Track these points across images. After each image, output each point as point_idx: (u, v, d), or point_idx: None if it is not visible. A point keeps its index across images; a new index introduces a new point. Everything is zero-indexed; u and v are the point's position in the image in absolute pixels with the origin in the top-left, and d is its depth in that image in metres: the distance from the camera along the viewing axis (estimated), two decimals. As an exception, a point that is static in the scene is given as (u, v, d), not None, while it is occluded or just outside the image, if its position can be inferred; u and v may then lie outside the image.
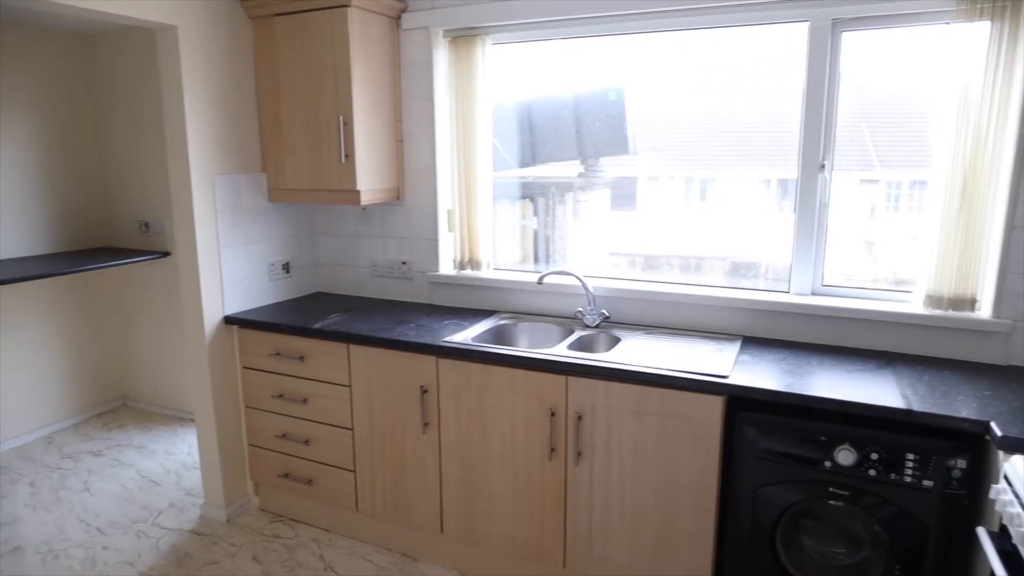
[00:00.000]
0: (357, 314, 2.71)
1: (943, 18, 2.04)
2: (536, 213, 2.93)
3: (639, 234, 2.76)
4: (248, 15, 2.65)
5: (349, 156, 2.56)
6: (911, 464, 1.72)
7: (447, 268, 2.90)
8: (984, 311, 2.10)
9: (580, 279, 2.50)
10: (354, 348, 2.45)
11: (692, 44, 2.46)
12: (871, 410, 1.75)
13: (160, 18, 2.35)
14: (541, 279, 2.56)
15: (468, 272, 2.84)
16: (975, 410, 1.71)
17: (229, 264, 2.71)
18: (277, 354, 2.62)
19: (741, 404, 1.93)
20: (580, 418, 2.12)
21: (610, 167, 2.79)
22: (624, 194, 2.77)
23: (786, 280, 2.42)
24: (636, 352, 2.22)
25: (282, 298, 2.98)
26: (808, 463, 1.84)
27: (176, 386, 3.92)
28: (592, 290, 2.51)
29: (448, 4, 2.62)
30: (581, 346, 2.44)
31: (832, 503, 1.83)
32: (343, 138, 2.54)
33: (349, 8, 2.45)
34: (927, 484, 1.71)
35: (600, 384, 2.07)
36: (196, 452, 3.43)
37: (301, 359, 2.57)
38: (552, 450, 2.18)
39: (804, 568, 1.91)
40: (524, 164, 2.90)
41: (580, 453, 2.14)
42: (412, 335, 2.39)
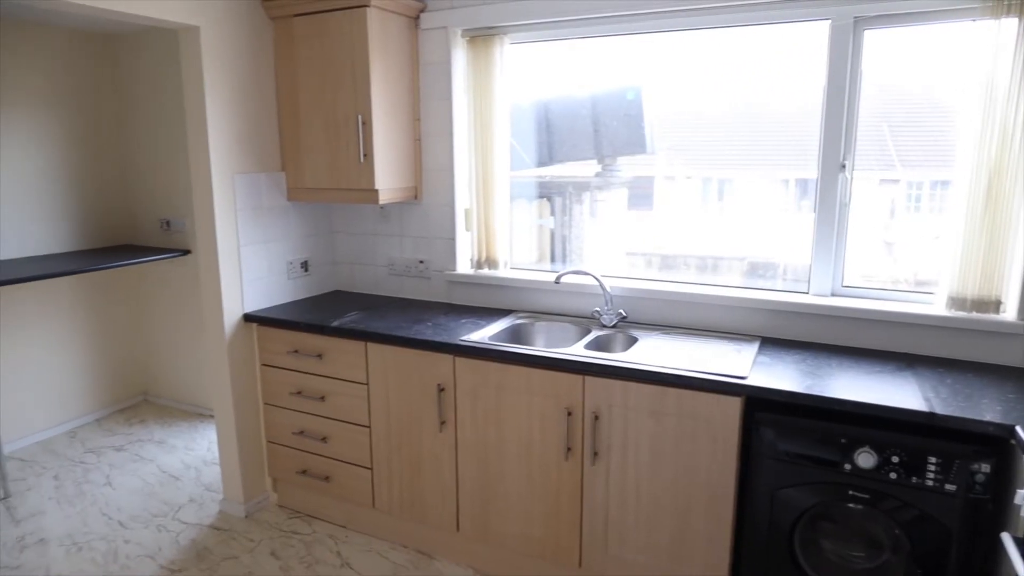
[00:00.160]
0: (375, 312, 2.73)
1: (969, 15, 2.01)
2: (553, 212, 2.92)
3: (656, 234, 2.75)
4: (268, 15, 2.68)
5: (367, 155, 2.58)
6: (933, 468, 1.70)
7: (464, 267, 2.91)
8: (1009, 313, 2.07)
9: (597, 279, 2.50)
10: (372, 346, 2.47)
11: (711, 43, 2.45)
12: (892, 412, 1.73)
13: (183, 19, 2.38)
14: (558, 278, 2.56)
15: (485, 271, 2.85)
16: (1000, 414, 1.68)
17: (249, 262, 2.74)
18: (295, 352, 2.65)
19: (759, 405, 1.92)
20: (597, 418, 2.11)
21: (627, 167, 2.78)
22: (641, 194, 2.76)
23: (804, 281, 2.40)
24: (653, 352, 2.21)
25: (300, 296, 3.01)
26: (827, 465, 1.82)
27: (196, 382, 3.97)
28: (609, 290, 2.51)
29: (467, 4, 2.63)
30: (598, 346, 2.43)
31: (852, 506, 1.82)
32: (362, 137, 2.56)
33: (368, 8, 2.46)
34: (950, 488, 1.69)
35: (617, 384, 2.07)
36: (215, 448, 3.48)
37: (319, 357, 2.59)
38: (568, 450, 2.18)
39: (823, 571, 1.89)
40: (541, 163, 2.90)
41: (597, 453, 2.14)
42: (429, 334, 2.40)
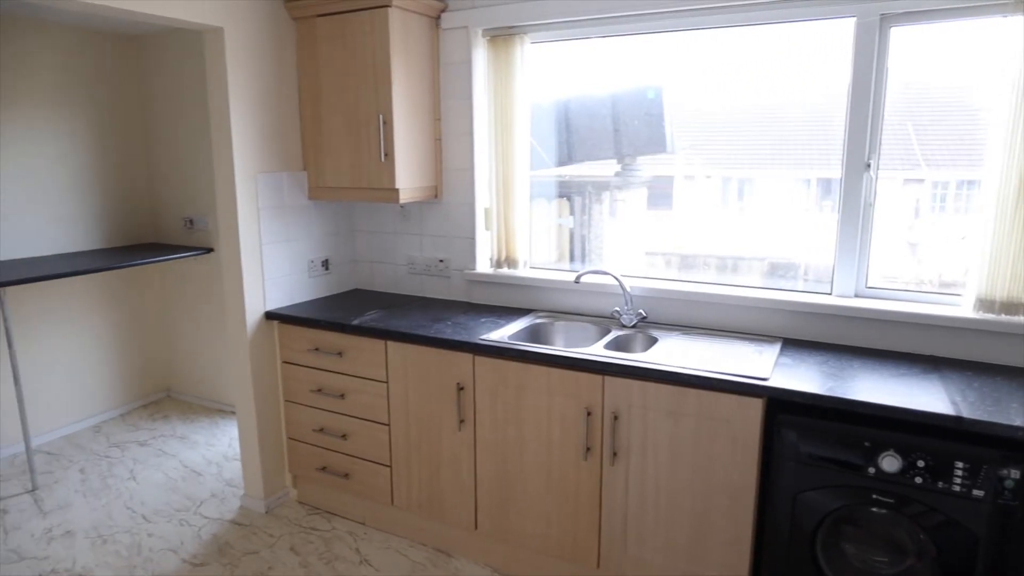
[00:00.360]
0: (395, 311, 2.74)
1: (999, 11, 1.97)
2: (573, 212, 2.92)
3: (676, 234, 2.73)
4: (291, 16, 2.70)
5: (388, 155, 2.59)
6: (960, 473, 1.67)
7: (484, 266, 2.91)
8: (1039, 316, 2.03)
9: (617, 278, 2.49)
10: (392, 345, 2.48)
11: (733, 41, 2.42)
12: (918, 416, 1.70)
13: (208, 20, 2.41)
14: (578, 278, 2.55)
15: (505, 270, 2.85)
16: (1029, 418, 1.65)
17: (270, 260, 2.76)
18: (316, 349, 2.67)
19: (781, 407, 1.90)
20: (616, 418, 2.11)
21: (647, 166, 2.76)
22: (661, 193, 2.75)
23: (826, 281, 2.37)
24: (673, 352, 2.20)
25: (321, 294, 3.03)
26: (851, 469, 1.80)
27: (218, 379, 4.02)
28: (629, 290, 2.50)
29: (487, 3, 2.63)
30: (618, 346, 2.43)
31: (875, 510, 1.79)
32: (383, 137, 2.58)
33: (390, 8, 2.48)
34: (977, 494, 1.66)
35: (637, 384, 2.06)
36: (237, 444, 3.52)
37: (339, 355, 2.61)
38: (588, 449, 2.18)
39: (845, 575, 1.87)
40: (561, 163, 2.89)
41: (616, 453, 2.13)
42: (449, 332, 2.41)
